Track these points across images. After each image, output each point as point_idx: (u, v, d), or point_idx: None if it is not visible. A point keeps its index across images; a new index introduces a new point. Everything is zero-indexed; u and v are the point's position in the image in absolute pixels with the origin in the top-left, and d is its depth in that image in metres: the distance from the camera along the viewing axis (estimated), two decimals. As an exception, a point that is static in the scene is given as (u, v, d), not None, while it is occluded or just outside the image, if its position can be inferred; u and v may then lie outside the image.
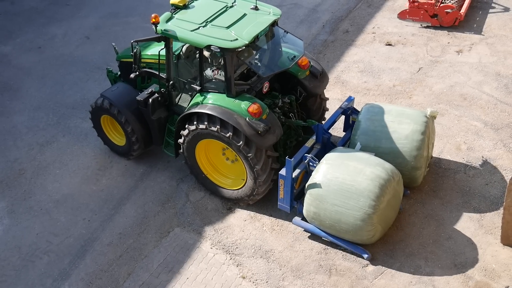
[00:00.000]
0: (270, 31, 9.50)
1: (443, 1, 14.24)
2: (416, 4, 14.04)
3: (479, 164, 10.18)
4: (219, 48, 8.79)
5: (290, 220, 9.42)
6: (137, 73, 9.90)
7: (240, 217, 9.68)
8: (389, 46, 13.67)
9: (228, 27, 8.95)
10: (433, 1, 13.86)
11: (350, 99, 10.02)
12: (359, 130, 9.27)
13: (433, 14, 13.96)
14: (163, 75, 9.80)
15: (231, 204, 9.90)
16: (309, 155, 8.93)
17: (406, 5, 14.43)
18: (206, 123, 9.00)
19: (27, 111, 12.55)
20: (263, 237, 9.30)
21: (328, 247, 9.00)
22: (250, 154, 8.89)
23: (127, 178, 10.67)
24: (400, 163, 8.95)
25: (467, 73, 12.48)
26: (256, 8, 9.38)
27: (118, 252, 9.33)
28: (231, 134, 8.83)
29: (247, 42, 8.69)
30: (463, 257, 8.66)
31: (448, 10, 13.78)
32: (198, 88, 9.40)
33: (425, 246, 8.88)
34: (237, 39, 8.71)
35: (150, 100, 9.80)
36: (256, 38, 8.92)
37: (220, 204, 9.96)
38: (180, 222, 9.73)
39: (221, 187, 9.86)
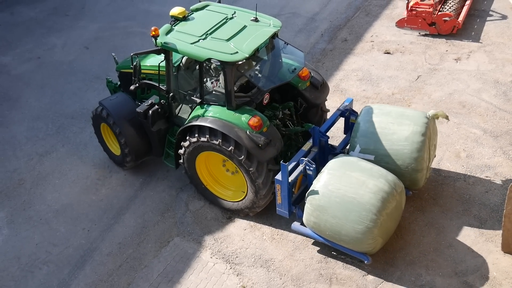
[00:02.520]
0: (271, 43, 9.47)
1: (441, 9, 14.30)
2: (414, 12, 14.09)
3: (478, 172, 10.18)
4: (219, 61, 8.78)
5: (290, 229, 9.39)
6: (137, 85, 9.82)
7: (240, 226, 9.66)
8: (387, 54, 13.71)
9: (228, 40, 8.90)
10: (431, 10, 13.92)
11: (349, 100, 9.97)
12: (358, 132, 9.13)
13: (431, 22, 14.01)
14: (163, 87, 9.77)
15: (231, 213, 9.88)
16: (306, 159, 8.82)
17: (404, 14, 14.48)
18: (207, 136, 8.96)
19: (26, 121, 12.55)
20: (263, 246, 9.28)
21: (329, 256, 8.98)
22: (252, 169, 8.85)
23: (127, 187, 10.66)
24: (400, 165, 8.85)
25: (466, 80, 12.51)
26: (256, 20, 9.35)
27: (117, 262, 9.30)
28: (233, 148, 8.79)
29: (247, 55, 8.64)
30: (463, 265, 8.64)
31: (446, 18, 13.84)
32: (198, 100, 9.37)
33: (425, 254, 8.85)
34: (237, 52, 8.67)
35: (150, 111, 9.76)
36: (257, 50, 8.89)
37: (220, 213, 9.94)
38: (180, 231, 9.71)
39: (221, 198, 9.83)
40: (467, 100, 11.91)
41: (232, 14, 9.53)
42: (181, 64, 9.98)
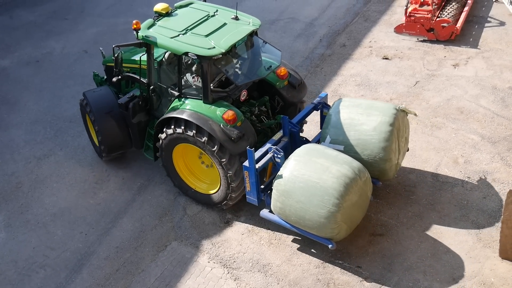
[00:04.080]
0: (250, 41, 9.78)
1: (439, 15, 14.35)
2: (412, 18, 14.13)
3: (476, 178, 10.19)
4: (196, 55, 9.02)
5: (288, 234, 9.39)
6: (119, 77, 10.24)
7: (238, 231, 9.65)
8: (386, 60, 13.74)
9: (207, 36, 9.24)
10: (429, 16, 13.96)
11: (323, 95, 10.15)
12: (329, 123, 9.29)
13: (429, 28, 14.05)
14: (144, 80, 10.06)
15: (229, 217, 9.88)
16: (274, 147, 9.00)
17: (402, 19, 14.52)
18: (183, 127, 9.24)
19: (24, 124, 12.55)
20: (260, 251, 9.27)
21: (326, 261, 8.97)
22: (224, 160, 9.10)
23: (124, 191, 10.65)
24: (368, 154, 8.96)
25: (464, 86, 12.54)
26: (236, 18, 9.66)
27: (115, 266, 9.28)
28: (206, 139, 9.06)
29: (223, 51, 8.95)
30: (461, 271, 8.63)
31: (444, 24, 13.88)
32: (176, 93, 9.65)
33: (423, 259, 8.85)
34: (214, 47, 9.00)
35: (131, 104, 10.06)
36: (234, 47, 9.19)
37: (217, 217, 9.93)
38: (178, 236, 9.69)
39: (196, 190, 10.05)
40: (465, 106, 11.93)
41: (214, 12, 9.86)
42: (163, 59, 10.19)
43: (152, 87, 10.00)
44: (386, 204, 9.84)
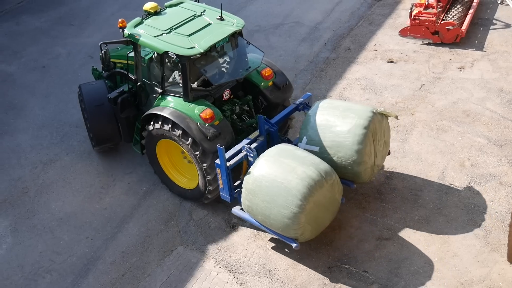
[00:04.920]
0: (234, 41, 9.97)
1: (444, 18, 14.31)
2: (417, 21, 14.10)
3: (483, 181, 10.14)
4: (175, 55, 9.26)
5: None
6: (109, 72, 10.62)
7: (244, 235, 9.64)
8: (391, 63, 13.71)
9: (189, 35, 9.47)
10: (434, 18, 13.93)
11: (307, 96, 10.21)
12: (307, 124, 9.32)
13: (434, 31, 14.01)
14: (132, 76, 10.36)
15: (234, 222, 9.87)
16: (247, 145, 9.10)
17: (407, 23, 14.50)
18: (160, 123, 9.55)
19: (31, 129, 12.60)
20: (266, 255, 9.25)
21: (333, 266, 8.94)
22: (197, 153, 9.34)
23: (130, 196, 10.66)
24: (342, 157, 8.97)
25: (470, 89, 12.49)
26: (221, 19, 9.86)
27: (121, 271, 9.28)
28: (181, 133, 9.35)
29: (202, 51, 9.17)
30: (469, 275, 8.58)
31: (449, 27, 13.85)
32: (160, 91, 9.90)
33: (430, 264, 8.81)
34: (193, 47, 9.23)
35: (120, 98, 10.34)
36: (214, 47, 9.42)
37: (223, 222, 9.93)
38: (183, 240, 9.69)
39: (178, 185, 10.30)
40: (471, 109, 11.89)
41: (201, 12, 10.07)
42: (153, 56, 10.31)
43: (139, 83, 10.31)
44: (392, 208, 9.80)
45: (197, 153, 9.34)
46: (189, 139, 9.30)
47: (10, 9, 18.03)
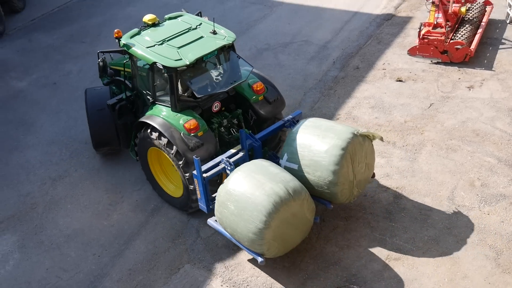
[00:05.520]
0: (225, 55, 10.20)
1: (453, 37, 14.33)
2: (426, 40, 14.12)
3: (494, 201, 10.05)
4: (162, 66, 9.52)
5: (302, 258, 9.30)
6: (109, 80, 10.95)
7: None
8: (399, 82, 13.71)
9: (179, 47, 9.75)
10: (442, 38, 13.95)
11: (297, 113, 10.26)
12: (289, 142, 9.41)
13: (443, 50, 14.02)
14: (130, 84, 10.82)
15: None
16: (226, 158, 9.27)
17: (416, 42, 14.52)
18: (149, 131, 9.88)
19: (40, 145, 12.67)
20: (274, 274, 9.17)
21: (341, 286, 8.85)
22: (180, 163, 9.56)
23: (138, 213, 10.65)
24: (319, 176, 8.99)
25: (479, 108, 12.45)
26: (214, 32, 10.10)
27: (128, 288, 9.24)
28: (165, 143, 9.61)
29: (187, 63, 9.45)
30: (479, 296, 8.48)
31: (458, 46, 13.85)
32: (151, 100, 10.24)
33: (440, 285, 8.70)
34: (180, 59, 9.50)
35: (118, 105, 10.72)
36: (201, 60, 9.67)
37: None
38: (191, 258, 9.65)
39: (166, 192, 10.56)
40: (481, 128, 11.84)
41: (197, 26, 10.35)
42: (144, 66, 10.57)
43: (135, 91, 10.72)
44: (401, 228, 9.73)
45: (180, 162, 9.56)
46: (173, 148, 9.55)
47: (23, 26, 18.30)
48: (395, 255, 9.25)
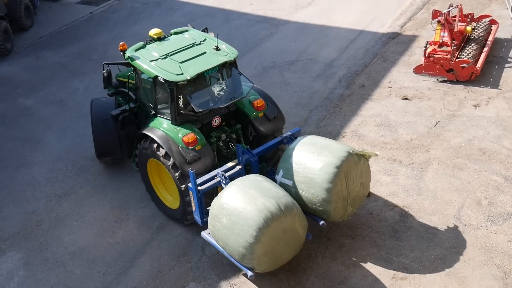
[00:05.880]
0: (227, 71, 10.32)
1: (458, 56, 14.36)
2: (431, 59, 14.16)
3: (501, 220, 9.97)
4: (164, 80, 9.65)
5: (308, 277, 9.23)
6: (113, 91, 11.33)
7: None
8: (405, 100, 13.72)
9: (182, 62, 9.90)
10: (448, 56, 13.98)
11: (296, 130, 10.36)
12: (285, 158, 9.48)
13: (449, 68, 14.05)
14: (133, 96, 11.11)
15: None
16: (221, 172, 9.38)
17: (421, 60, 14.57)
18: (148, 143, 10.06)
19: (47, 162, 12.71)
20: (279, 293, 9.11)
21: (347, 304, 8.78)
22: (177, 175, 9.66)
23: (143, 231, 10.63)
24: (312, 193, 9.05)
25: (485, 127, 12.42)
26: (217, 49, 10.21)
27: (132, 306, 9.19)
28: (163, 155, 9.75)
29: (188, 78, 9.59)
30: (487, 317, 8.37)
31: (464, 65, 13.87)
32: (152, 112, 10.41)
33: (447, 304, 8.62)
34: (182, 73, 9.65)
35: (121, 116, 10.94)
36: (202, 75, 9.80)
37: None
38: (196, 276, 9.59)
39: (164, 203, 10.66)
40: (487, 147, 11.79)
41: (201, 41, 10.51)
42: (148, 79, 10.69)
43: (138, 103, 10.94)
44: (408, 247, 9.66)
45: (176, 174, 9.67)
46: (170, 160, 9.68)
47: (30, 44, 18.49)
48: (401, 275, 9.17)
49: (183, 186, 9.66)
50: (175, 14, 19.58)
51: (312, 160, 9.14)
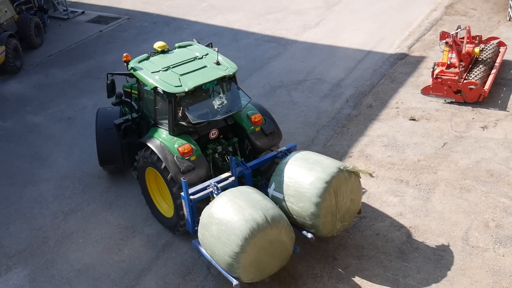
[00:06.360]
0: (226, 85, 10.53)
1: (466, 77, 14.37)
2: (439, 80, 14.19)
3: (509, 242, 9.88)
4: (163, 91, 9.92)
5: (314, 297, 9.17)
6: (117, 101, 11.61)
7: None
8: (413, 121, 13.72)
9: (182, 75, 10.18)
10: (456, 78, 14.00)
11: (292, 145, 10.55)
12: (278, 172, 9.66)
13: (456, 90, 14.05)
14: (136, 106, 11.44)
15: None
16: (214, 182, 9.60)
17: (429, 81, 14.59)
18: (144, 152, 10.35)
19: (54, 179, 12.76)
20: (285, 314, 9.05)
21: (353, 326, 8.70)
22: (174, 189, 9.89)
23: (149, 248, 10.61)
24: (302, 207, 9.20)
25: (493, 149, 12.38)
26: (217, 63, 10.50)
27: (137, 325, 9.14)
28: (159, 164, 10.01)
29: (186, 90, 9.85)
30: None
31: (472, 87, 13.88)
32: (152, 122, 10.74)
33: (454, 328, 8.51)
34: (180, 85, 9.92)
35: (123, 125, 11.30)
36: (200, 88, 10.03)
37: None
38: (201, 295, 9.55)
39: (159, 210, 10.90)
40: (495, 169, 11.74)
41: (203, 55, 10.81)
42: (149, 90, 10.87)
43: (140, 113, 11.25)
44: (414, 268, 9.58)
45: (170, 183, 9.92)
46: (165, 169, 9.94)
47: (40, 62, 18.70)
48: (408, 297, 9.10)
49: (178, 201, 9.82)
50: (183, 33, 19.76)
51: (303, 175, 9.32)
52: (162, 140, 10.22)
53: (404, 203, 11.04)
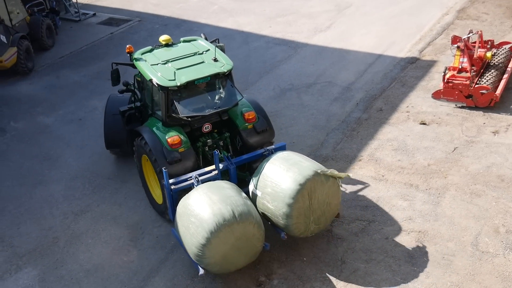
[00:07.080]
0: (221, 81, 10.77)
1: (478, 82, 14.30)
2: (450, 84, 14.12)
3: (519, 248, 9.82)
4: (156, 84, 10.31)
5: (322, 300, 9.16)
6: (124, 88, 12.02)
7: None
8: (423, 125, 13.66)
9: (178, 69, 10.51)
10: (467, 82, 13.93)
11: (281, 144, 10.78)
12: (259, 170, 9.91)
13: (468, 94, 13.98)
14: (139, 95, 11.88)
15: (261, 280, 9.72)
16: (196, 175, 9.96)
17: (440, 85, 14.53)
18: (141, 142, 10.72)
19: (64, 180, 12.83)
20: (293, 317, 9.03)
21: (361, 330, 8.66)
22: (158, 170, 10.27)
23: (158, 250, 10.64)
24: (275, 206, 9.45)
25: (504, 154, 12.30)
26: (215, 60, 10.75)
27: (145, 326, 9.16)
28: (149, 153, 10.40)
29: (178, 84, 10.20)
30: None
31: (483, 91, 13.80)
32: (149, 112, 11.21)
33: (463, 334, 8.45)
34: (174, 79, 10.25)
35: (127, 112, 11.86)
36: (193, 83, 10.33)
37: (249, 279, 9.78)
38: (209, 297, 9.55)
39: (152, 196, 11.28)
40: (506, 174, 11.66)
41: (204, 51, 11.09)
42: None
43: (142, 102, 11.68)
44: (423, 273, 9.53)
45: (157, 169, 10.27)
46: (154, 158, 10.32)
47: (51, 63, 18.82)
48: (417, 301, 9.05)
49: (162, 181, 10.04)
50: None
51: (280, 175, 9.54)
52: (154, 130, 10.63)
53: (413, 208, 10.99)
